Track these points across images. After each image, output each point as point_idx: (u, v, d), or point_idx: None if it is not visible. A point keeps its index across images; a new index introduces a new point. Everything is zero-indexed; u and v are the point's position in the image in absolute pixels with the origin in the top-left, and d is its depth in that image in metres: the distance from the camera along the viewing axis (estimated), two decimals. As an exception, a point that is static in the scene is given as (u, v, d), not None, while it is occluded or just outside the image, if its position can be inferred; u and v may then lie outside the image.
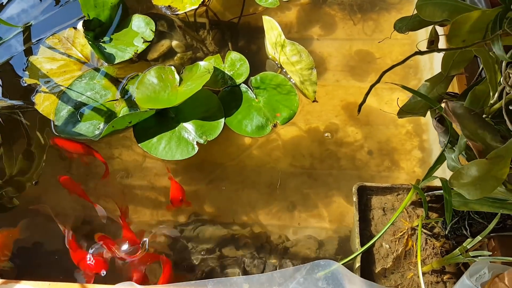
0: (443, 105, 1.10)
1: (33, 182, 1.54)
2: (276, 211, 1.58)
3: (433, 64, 1.81)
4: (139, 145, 1.43)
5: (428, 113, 1.20)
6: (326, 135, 1.61)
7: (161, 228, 1.48)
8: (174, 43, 1.80)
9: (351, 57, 1.90)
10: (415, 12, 1.03)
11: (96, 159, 1.58)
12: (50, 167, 1.61)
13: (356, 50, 1.92)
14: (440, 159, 1.12)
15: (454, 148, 1.05)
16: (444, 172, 1.38)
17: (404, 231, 1.27)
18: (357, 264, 1.20)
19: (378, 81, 0.83)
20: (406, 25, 1.06)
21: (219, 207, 1.59)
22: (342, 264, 1.14)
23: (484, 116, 0.96)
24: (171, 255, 1.45)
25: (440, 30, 1.60)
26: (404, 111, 1.20)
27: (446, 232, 1.13)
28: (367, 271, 1.21)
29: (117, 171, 1.61)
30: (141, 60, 1.74)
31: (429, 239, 1.25)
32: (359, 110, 0.89)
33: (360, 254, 1.20)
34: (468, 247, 1.05)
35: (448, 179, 1.03)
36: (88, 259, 1.31)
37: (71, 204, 1.56)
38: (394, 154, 1.69)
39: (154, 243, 1.48)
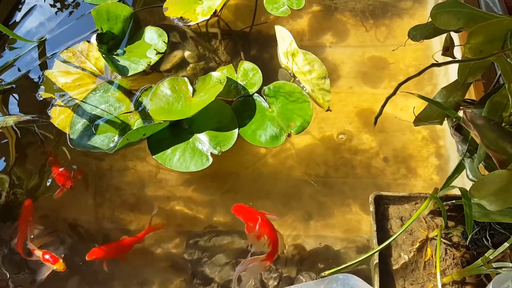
0: (460, 113, 1.08)
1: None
2: (292, 221, 1.56)
3: (447, 69, 1.78)
4: (153, 157, 1.43)
5: (445, 119, 1.19)
6: (340, 137, 1.59)
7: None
8: (187, 53, 1.80)
9: (364, 63, 1.88)
10: (430, 20, 1.01)
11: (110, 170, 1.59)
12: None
13: (369, 56, 1.90)
14: (459, 168, 1.10)
15: (473, 157, 1.03)
16: (462, 179, 1.35)
17: (423, 241, 1.25)
18: (376, 276, 1.18)
19: (394, 93, 0.82)
20: (420, 34, 1.05)
21: (234, 217, 1.58)
22: (348, 265, 1.12)
23: (503, 125, 0.94)
24: (187, 266, 1.46)
25: (455, 35, 1.59)
26: (420, 120, 1.18)
27: (467, 243, 1.11)
28: (385, 283, 1.19)
29: (132, 182, 1.62)
30: (154, 71, 1.75)
31: (449, 249, 1.22)
32: (375, 123, 0.88)
33: (378, 266, 1.19)
34: (490, 258, 1.02)
35: (467, 188, 1.01)
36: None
37: (86, 217, 1.57)
38: (410, 161, 1.66)
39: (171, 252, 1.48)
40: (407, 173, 1.65)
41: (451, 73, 1.75)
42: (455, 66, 1.70)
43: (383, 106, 0.86)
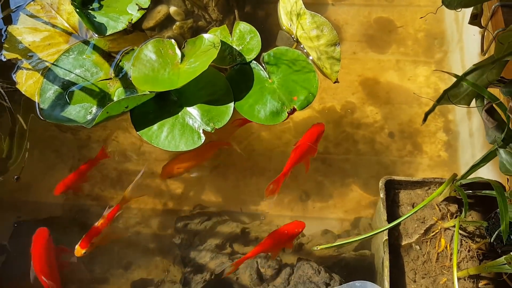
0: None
1: (14, 177, 1.39)
2: (288, 201, 1.47)
3: (462, 36, 1.63)
4: (138, 133, 1.27)
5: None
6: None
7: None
8: (172, 9, 1.60)
9: (370, 25, 1.74)
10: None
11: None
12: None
13: (376, 17, 1.76)
14: (488, 157, 0.98)
15: (508, 147, 0.90)
16: (473, 160, 1.24)
17: (437, 231, 1.15)
18: (386, 269, 1.08)
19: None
20: (459, 1, 0.89)
21: (226, 197, 1.48)
22: (346, 242, 1.05)
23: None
24: (178, 253, 1.34)
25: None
26: (444, 100, 1.04)
27: (491, 240, 1.01)
28: (395, 276, 1.11)
29: (113, 155, 1.48)
30: (135, 30, 1.54)
31: (464, 240, 1.13)
32: (424, 120, 0.74)
33: (388, 259, 1.08)
34: (517, 258, 0.93)
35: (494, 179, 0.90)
36: None
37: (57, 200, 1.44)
38: (417, 136, 1.56)
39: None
40: (413, 149, 1.54)
41: (466, 41, 1.60)
42: (471, 35, 1.56)
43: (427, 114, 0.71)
